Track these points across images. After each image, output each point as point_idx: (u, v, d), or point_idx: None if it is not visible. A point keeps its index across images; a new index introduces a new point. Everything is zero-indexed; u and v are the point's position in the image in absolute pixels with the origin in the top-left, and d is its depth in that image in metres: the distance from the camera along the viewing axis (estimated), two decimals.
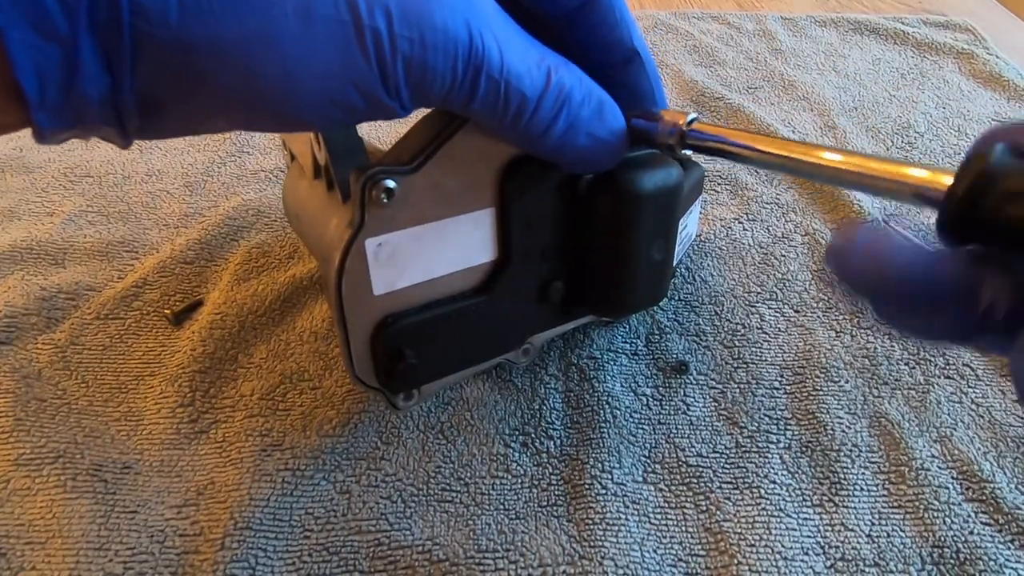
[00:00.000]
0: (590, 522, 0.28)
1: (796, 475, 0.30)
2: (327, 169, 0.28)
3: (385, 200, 0.24)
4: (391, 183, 0.24)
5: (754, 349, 0.35)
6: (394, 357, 0.27)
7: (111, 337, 0.35)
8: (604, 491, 0.29)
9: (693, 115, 0.25)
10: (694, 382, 0.34)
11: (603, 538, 0.27)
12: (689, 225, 0.37)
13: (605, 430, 0.31)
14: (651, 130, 0.25)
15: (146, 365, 0.34)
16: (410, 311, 0.27)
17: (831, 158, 0.19)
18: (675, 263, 0.35)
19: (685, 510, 0.29)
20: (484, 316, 0.29)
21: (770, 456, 0.30)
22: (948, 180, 0.15)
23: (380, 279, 0.26)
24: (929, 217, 0.44)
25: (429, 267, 0.27)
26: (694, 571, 0.27)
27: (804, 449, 0.31)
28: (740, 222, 0.43)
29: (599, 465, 0.30)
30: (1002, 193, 0.14)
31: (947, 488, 0.29)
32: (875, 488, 0.29)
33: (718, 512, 0.28)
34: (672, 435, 0.31)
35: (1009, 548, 0.27)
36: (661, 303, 0.37)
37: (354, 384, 0.32)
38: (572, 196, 0.28)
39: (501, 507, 0.29)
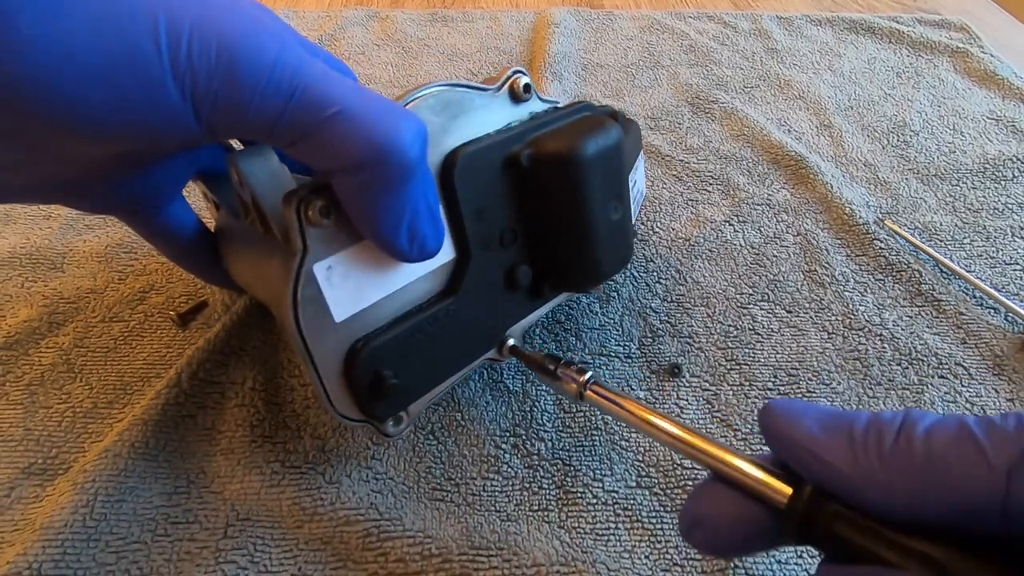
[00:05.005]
0: (581, 531, 0.28)
1: None
2: (256, 206, 0.26)
3: (323, 218, 0.23)
4: (324, 199, 0.23)
5: (747, 350, 0.36)
6: (373, 382, 0.26)
7: (115, 339, 0.35)
8: (595, 500, 0.29)
9: (590, 374, 0.27)
10: (687, 384, 0.34)
11: (593, 547, 0.28)
12: (638, 182, 0.37)
13: (596, 436, 0.32)
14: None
15: (151, 367, 0.34)
16: (378, 330, 0.26)
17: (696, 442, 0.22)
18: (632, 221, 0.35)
19: None
20: (457, 318, 0.28)
21: None
22: (788, 490, 0.19)
23: (339, 305, 0.24)
24: (924, 215, 0.44)
25: (387, 281, 0.26)
26: (690, 575, 0.27)
27: None
28: (731, 223, 0.44)
29: (590, 473, 0.30)
30: (829, 513, 0.18)
31: None
32: None
33: None
34: None
35: None
36: (653, 304, 0.38)
37: (336, 421, 0.31)
38: (517, 175, 0.28)
39: (492, 508, 0.29)
